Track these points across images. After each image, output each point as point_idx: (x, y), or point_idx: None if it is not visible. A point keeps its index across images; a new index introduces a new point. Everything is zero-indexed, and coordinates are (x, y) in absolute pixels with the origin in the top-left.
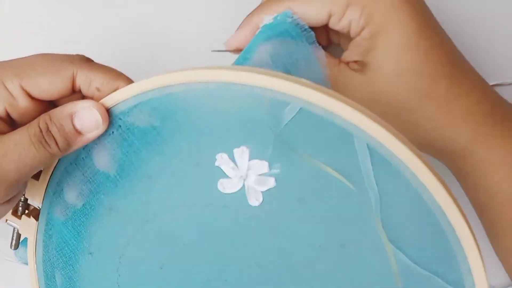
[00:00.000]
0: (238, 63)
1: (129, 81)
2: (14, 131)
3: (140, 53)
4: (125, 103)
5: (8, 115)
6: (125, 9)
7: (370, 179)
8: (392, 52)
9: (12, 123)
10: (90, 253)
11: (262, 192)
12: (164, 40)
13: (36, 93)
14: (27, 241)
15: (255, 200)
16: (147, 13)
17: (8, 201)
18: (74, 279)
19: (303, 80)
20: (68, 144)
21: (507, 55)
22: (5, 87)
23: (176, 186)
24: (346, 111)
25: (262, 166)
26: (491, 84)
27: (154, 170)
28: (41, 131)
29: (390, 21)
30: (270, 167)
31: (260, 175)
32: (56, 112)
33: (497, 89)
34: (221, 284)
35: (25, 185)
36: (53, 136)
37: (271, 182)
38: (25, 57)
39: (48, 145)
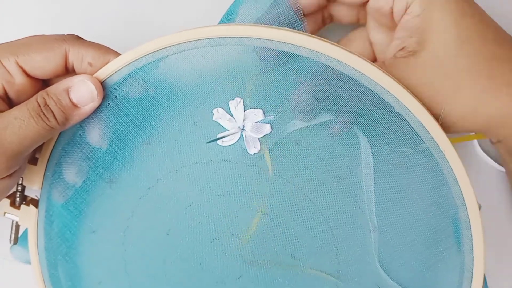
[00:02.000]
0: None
1: (119, 55)
2: (14, 108)
3: None
4: (118, 74)
5: (6, 93)
6: (124, 6)
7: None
8: (450, 20)
9: (10, 103)
10: (94, 232)
11: (259, 139)
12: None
13: (31, 70)
14: (25, 238)
15: (253, 148)
16: (146, 9)
17: (10, 176)
18: (78, 263)
19: (287, 28)
20: (66, 118)
21: None
22: (2, 64)
23: (175, 148)
24: (332, 50)
25: (257, 114)
26: None
27: (152, 135)
28: (39, 105)
29: None
30: (265, 113)
31: (256, 122)
32: (53, 87)
33: None
34: (228, 239)
35: (25, 161)
36: (51, 110)
37: (267, 128)
38: (20, 38)
39: (47, 118)
